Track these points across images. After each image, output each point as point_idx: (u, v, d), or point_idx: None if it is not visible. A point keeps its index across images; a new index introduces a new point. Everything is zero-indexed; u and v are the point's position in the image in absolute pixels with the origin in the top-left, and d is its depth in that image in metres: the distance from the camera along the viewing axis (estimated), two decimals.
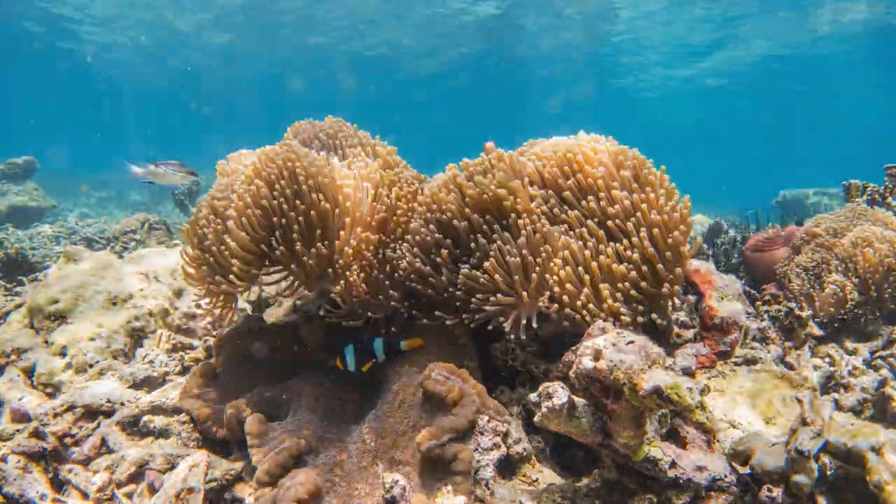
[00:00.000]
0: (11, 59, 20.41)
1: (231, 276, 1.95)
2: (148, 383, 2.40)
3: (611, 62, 18.60)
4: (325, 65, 19.98)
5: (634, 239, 1.80)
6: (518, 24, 15.18)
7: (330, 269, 1.97)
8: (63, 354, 2.53)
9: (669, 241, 1.80)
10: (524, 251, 1.83)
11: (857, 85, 20.41)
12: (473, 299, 1.87)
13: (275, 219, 1.96)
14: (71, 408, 2.22)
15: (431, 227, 2.04)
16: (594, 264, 1.80)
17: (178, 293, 3.07)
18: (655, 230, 1.80)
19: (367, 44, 17.55)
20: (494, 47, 17.32)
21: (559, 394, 1.47)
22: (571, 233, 1.91)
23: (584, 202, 1.94)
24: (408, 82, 22.68)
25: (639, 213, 1.82)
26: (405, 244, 2.09)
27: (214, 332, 2.93)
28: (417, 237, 2.06)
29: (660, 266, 1.78)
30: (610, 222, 1.87)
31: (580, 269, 1.80)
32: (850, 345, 2.96)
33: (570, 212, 1.94)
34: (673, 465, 1.46)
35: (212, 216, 2.07)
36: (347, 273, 1.96)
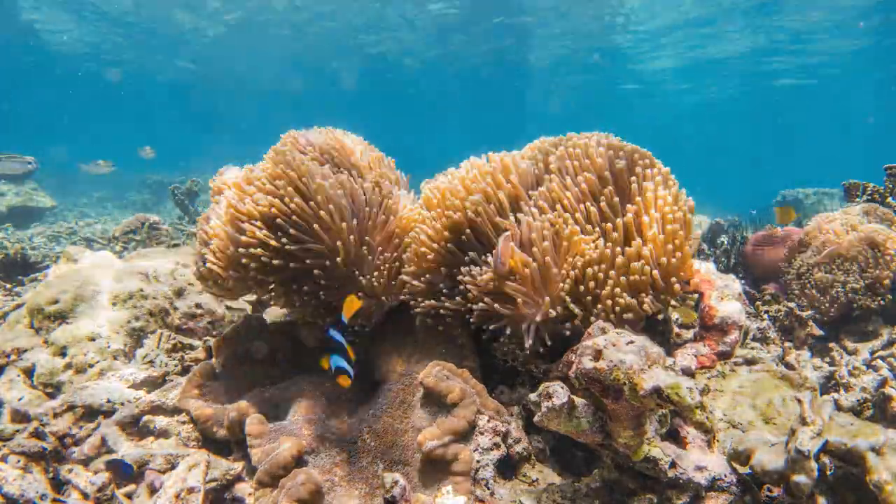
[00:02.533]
0: (11, 58, 20.40)
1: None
2: (148, 383, 2.40)
3: (611, 62, 18.59)
4: (324, 63, 19.97)
5: (649, 234, 1.80)
6: (520, 23, 15.18)
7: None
8: (63, 354, 2.53)
9: (676, 240, 1.80)
10: (547, 258, 1.81)
11: (858, 84, 20.40)
12: (482, 303, 1.86)
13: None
14: (71, 408, 2.22)
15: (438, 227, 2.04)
16: (619, 260, 1.79)
17: (178, 293, 3.07)
18: (668, 227, 1.80)
19: (367, 43, 17.54)
20: (495, 47, 17.32)
21: (559, 394, 1.47)
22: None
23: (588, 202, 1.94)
24: (406, 82, 22.68)
25: (652, 211, 1.83)
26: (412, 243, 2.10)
27: (214, 332, 2.93)
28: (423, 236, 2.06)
29: (674, 260, 1.78)
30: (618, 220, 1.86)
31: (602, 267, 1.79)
32: (850, 345, 2.96)
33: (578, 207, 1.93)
34: (673, 465, 1.46)
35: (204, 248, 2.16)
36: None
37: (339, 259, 1.96)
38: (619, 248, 1.81)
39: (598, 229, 1.89)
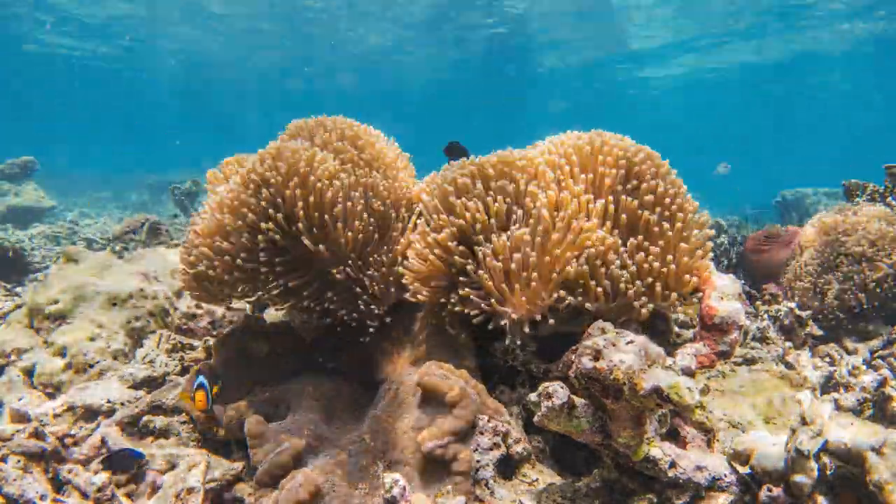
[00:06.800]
0: (11, 58, 20.40)
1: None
2: (148, 383, 2.40)
3: (611, 61, 18.59)
4: (324, 64, 19.97)
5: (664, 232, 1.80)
6: (521, 25, 15.20)
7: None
8: (63, 354, 2.53)
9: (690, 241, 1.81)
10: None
11: (857, 85, 20.41)
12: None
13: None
14: (71, 408, 2.22)
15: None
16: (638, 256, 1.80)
17: (178, 293, 3.07)
18: (678, 225, 1.81)
19: (367, 44, 17.54)
20: (496, 48, 17.32)
21: (559, 394, 1.47)
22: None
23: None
24: (407, 83, 22.68)
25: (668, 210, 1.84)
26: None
27: (214, 332, 2.93)
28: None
29: (685, 259, 1.79)
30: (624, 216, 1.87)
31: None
32: (850, 345, 2.96)
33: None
34: (673, 464, 1.46)
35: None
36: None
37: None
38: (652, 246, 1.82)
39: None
